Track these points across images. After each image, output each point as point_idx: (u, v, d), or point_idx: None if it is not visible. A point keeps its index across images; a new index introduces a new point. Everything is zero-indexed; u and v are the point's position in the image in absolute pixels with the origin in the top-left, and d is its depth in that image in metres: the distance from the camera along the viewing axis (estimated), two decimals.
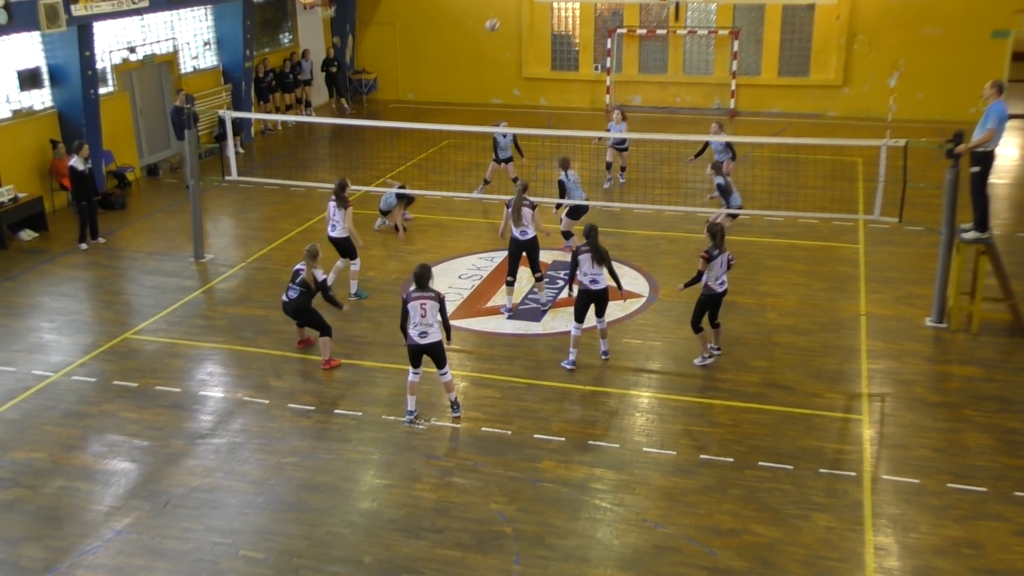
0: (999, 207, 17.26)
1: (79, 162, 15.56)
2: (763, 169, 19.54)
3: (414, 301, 9.79)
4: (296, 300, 11.44)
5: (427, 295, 9.80)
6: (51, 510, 8.92)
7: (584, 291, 11.21)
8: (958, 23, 23.55)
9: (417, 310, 9.79)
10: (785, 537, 8.39)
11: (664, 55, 26.38)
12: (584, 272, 11.13)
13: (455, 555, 8.20)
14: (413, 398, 10.30)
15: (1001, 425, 10.17)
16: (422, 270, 9.86)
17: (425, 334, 9.88)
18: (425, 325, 9.84)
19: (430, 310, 9.80)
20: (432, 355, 10.05)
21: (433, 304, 9.81)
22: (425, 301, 9.78)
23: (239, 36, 22.63)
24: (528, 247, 12.94)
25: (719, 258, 11.14)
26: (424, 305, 9.78)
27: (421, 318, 9.80)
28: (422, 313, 9.78)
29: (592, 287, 11.16)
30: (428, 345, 9.94)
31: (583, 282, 11.17)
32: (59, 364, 11.83)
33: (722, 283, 11.29)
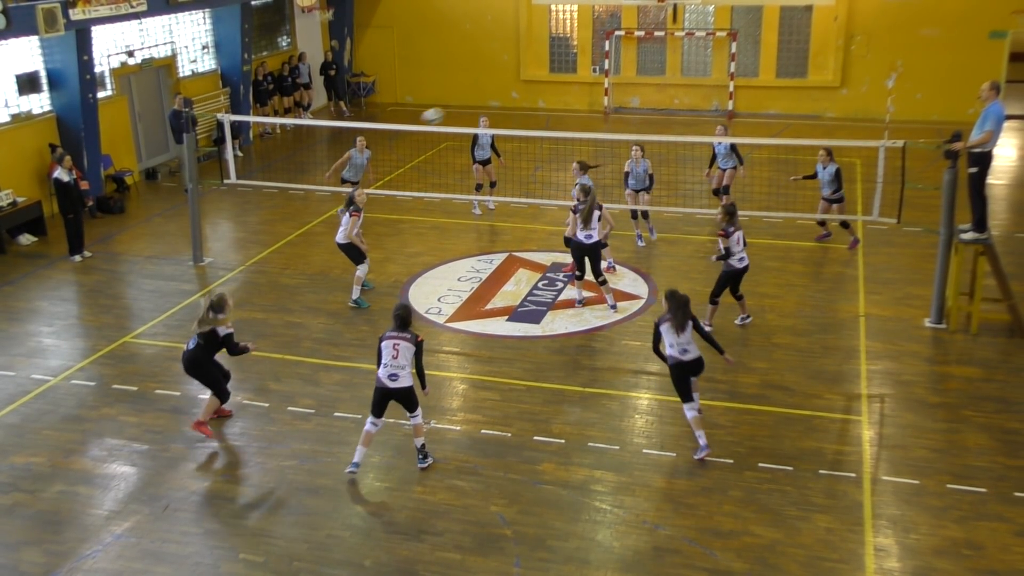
0: (997, 208, 17.28)
1: (63, 173, 15.28)
2: (761, 170, 19.54)
3: (387, 340, 9.06)
4: (193, 352, 9.97)
5: (403, 336, 9.04)
6: (51, 514, 8.91)
7: (678, 364, 9.59)
8: (956, 24, 23.59)
9: (389, 350, 9.02)
10: (785, 538, 8.39)
11: (662, 57, 26.40)
12: (670, 344, 9.61)
13: (455, 558, 8.20)
14: (363, 449, 9.33)
15: (1000, 425, 10.17)
16: (404, 311, 9.19)
17: (395, 376, 9.05)
18: (396, 367, 9.03)
19: (403, 351, 9.00)
20: (401, 401, 9.23)
21: (408, 346, 9.02)
22: (399, 341, 9.01)
23: (237, 40, 22.65)
24: (590, 252, 12.85)
25: (736, 235, 11.79)
26: (397, 346, 9.00)
27: (392, 359, 9.01)
28: (394, 354, 9.01)
29: (683, 357, 9.56)
30: (397, 390, 9.10)
31: (672, 354, 9.59)
32: (58, 368, 11.82)
33: (742, 259, 11.97)
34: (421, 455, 9.47)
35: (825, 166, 14.98)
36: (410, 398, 9.26)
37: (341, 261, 15.22)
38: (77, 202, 15.61)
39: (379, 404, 9.24)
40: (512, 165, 18.18)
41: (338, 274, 14.73)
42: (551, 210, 17.28)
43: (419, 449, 9.49)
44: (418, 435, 9.48)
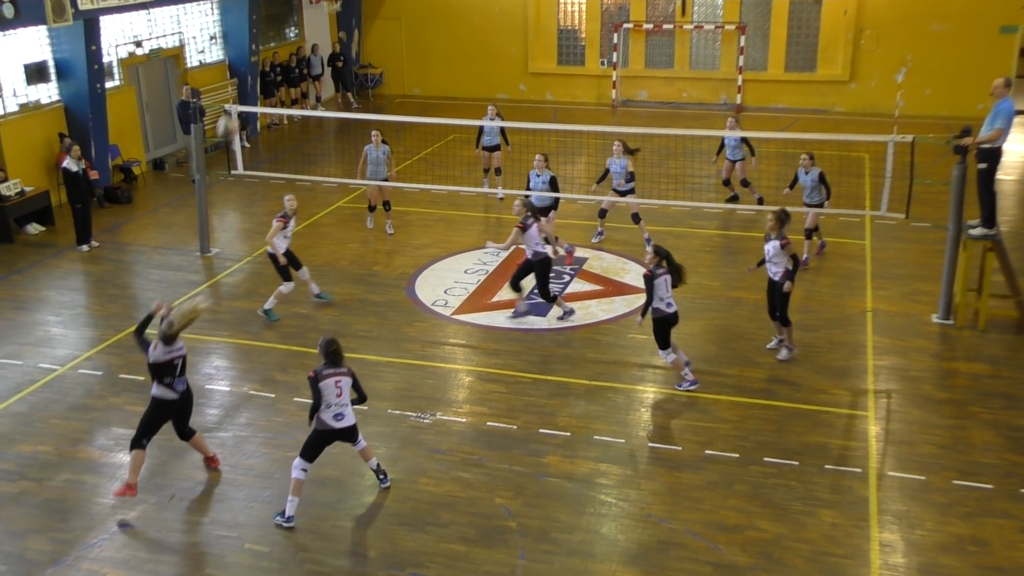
0: (1006, 203, 17.22)
1: (72, 163, 15.33)
2: (769, 164, 19.47)
3: (327, 379, 8.45)
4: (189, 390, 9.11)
5: (341, 371, 8.54)
6: (57, 503, 8.95)
7: (664, 317, 10.62)
8: (966, 18, 23.46)
9: (332, 389, 8.46)
10: (790, 533, 8.39)
11: (671, 50, 26.32)
12: (661, 296, 10.52)
13: (460, 549, 8.21)
14: (295, 500, 8.56)
15: (1007, 422, 10.15)
16: (337, 346, 8.57)
17: (341, 416, 8.55)
18: (341, 406, 8.54)
19: (345, 388, 8.53)
20: (346, 438, 8.74)
21: (348, 381, 8.56)
22: (340, 378, 8.50)
23: (245, 30, 22.64)
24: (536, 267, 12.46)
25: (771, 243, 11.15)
26: (339, 383, 8.49)
27: (337, 398, 8.49)
28: (338, 392, 8.48)
29: (668, 310, 10.61)
30: (344, 429, 8.61)
31: (659, 307, 10.57)
32: (65, 358, 11.86)
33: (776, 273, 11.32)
34: (381, 475, 9.04)
35: (808, 171, 14.12)
36: (355, 433, 8.78)
37: (348, 253, 15.27)
38: (86, 192, 15.64)
39: (319, 447, 8.64)
40: (519, 158, 18.15)
41: (345, 265, 14.75)
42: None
43: (376, 470, 9.04)
44: (367, 458, 9.01)
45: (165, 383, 8.79)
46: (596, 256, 15.03)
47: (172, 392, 8.86)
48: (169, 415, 9.00)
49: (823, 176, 14.09)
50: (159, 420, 8.95)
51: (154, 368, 8.76)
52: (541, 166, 14.31)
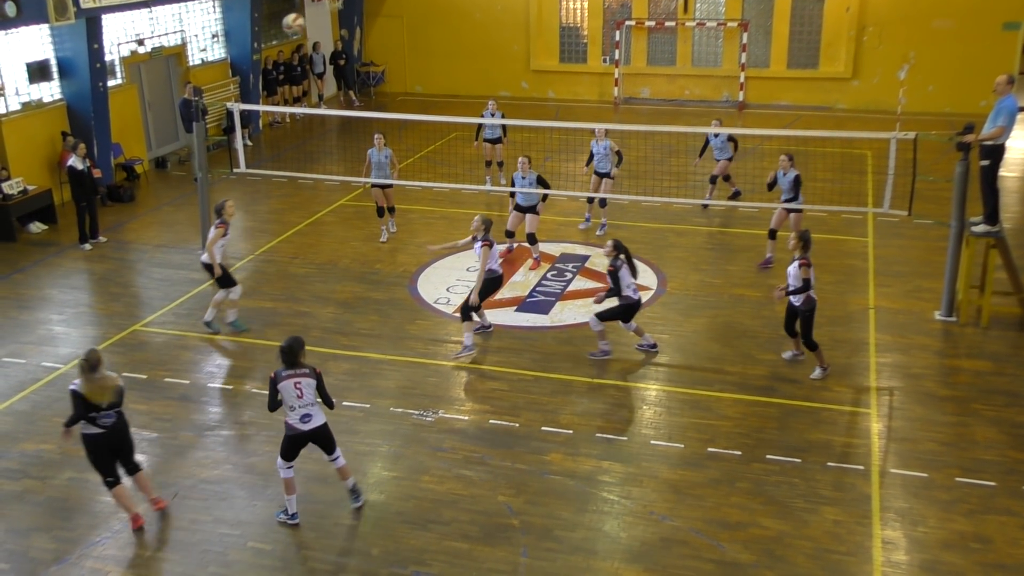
0: (1009, 200, 17.19)
1: (77, 161, 15.37)
2: (772, 162, 19.43)
3: (286, 380, 8.22)
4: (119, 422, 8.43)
5: (301, 372, 8.27)
6: (60, 501, 8.96)
7: (631, 304, 11.34)
8: (968, 15, 23.42)
9: (291, 390, 8.22)
10: (793, 530, 8.38)
11: (673, 47, 26.29)
12: (627, 285, 11.22)
13: (463, 547, 8.21)
14: (293, 498, 8.56)
15: (1010, 419, 10.14)
16: (290, 345, 8.29)
17: (308, 417, 8.32)
18: (305, 406, 8.29)
19: (306, 389, 8.25)
20: (319, 441, 8.49)
21: (309, 382, 8.27)
22: (299, 379, 8.24)
23: (247, 28, 22.64)
24: None
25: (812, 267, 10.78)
26: (299, 384, 8.22)
27: (298, 399, 8.24)
28: (298, 394, 8.22)
29: (635, 296, 11.35)
30: (313, 431, 8.38)
31: (628, 295, 11.26)
32: (68, 356, 11.87)
33: None
34: (354, 495, 8.75)
35: (786, 172, 13.81)
36: (327, 436, 8.51)
37: (350, 251, 15.27)
38: (90, 190, 15.69)
39: (293, 449, 8.45)
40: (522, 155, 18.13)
41: (347, 264, 14.76)
42: (560, 201, 17.25)
43: (351, 490, 8.75)
44: (345, 477, 8.71)
45: (89, 417, 8.18)
46: (599, 254, 15.02)
47: (95, 427, 8.24)
48: (105, 450, 8.32)
49: (798, 179, 13.77)
50: (99, 457, 8.33)
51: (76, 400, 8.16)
52: (525, 168, 14.29)
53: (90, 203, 15.69)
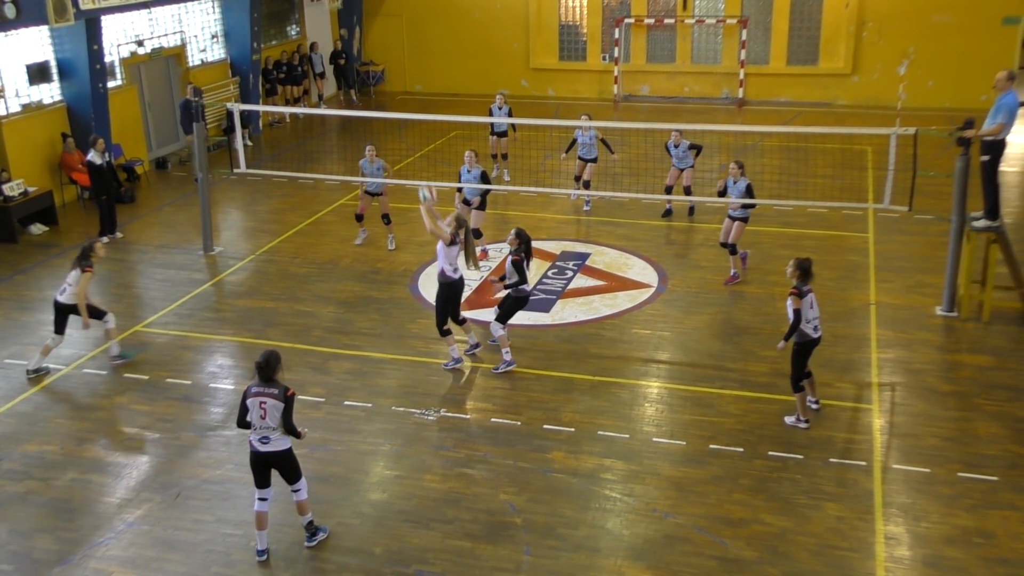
0: (1010, 195, 17.17)
1: (96, 156, 15.62)
2: (772, 158, 19.48)
3: (253, 398, 7.78)
4: None
5: (269, 392, 7.76)
6: (63, 502, 8.97)
7: (523, 297, 11.29)
8: (968, 10, 23.41)
9: (256, 410, 7.77)
10: (795, 527, 8.39)
11: (672, 45, 26.28)
12: None
13: (465, 546, 8.22)
14: (263, 533, 8.10)
15: (1012, 414, 10.13)
16: (265, 359, 7.82)
17: (266, 439, 7.83)
18: (266, 429, 7.80)
19: (270, 411, 7.73)
20: (278, 468, 8.00)
21: (275, 404, 7.73)
22: (265, 399, 7.73)
23: (246, 29, 22.64)
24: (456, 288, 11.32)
25: (810, 297, 9.75)
26: (264, 404, 7.73)
27: (260, 420, 7.78)
28: (261, 414, 7.76)
29: (526, 289, 11.29)
30: (270, 454, 7.89)
31: (525, 289, 11.24)
32: (70, 357, 11.87)
33: (816, 327, 9.82)
34: (309, 533, 8.25)
35: (736, 180, 13.30)
36: (288, 464, 7.99)
37: (351, 250, 15.27)
38: (110, 184, 15.95)
39: (257, 471, 8.02)
40: (522, 154, 18.16)
41: (348, 263, 14.76)
42: (561, 199, 17.25)
43: (306, 527, 8.26)
44: (303, 512, 8.23)
45: None
46: (599, 251, 15.03)
47: None
48: None
49: (750, 188, 13.36)
50: None
51: None
52: (471, 162, 14.31)
53: (110, 197, 15.98)
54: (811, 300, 9.74)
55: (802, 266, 9.75)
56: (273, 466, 8.02)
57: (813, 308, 9.75)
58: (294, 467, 8.05)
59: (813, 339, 9.80)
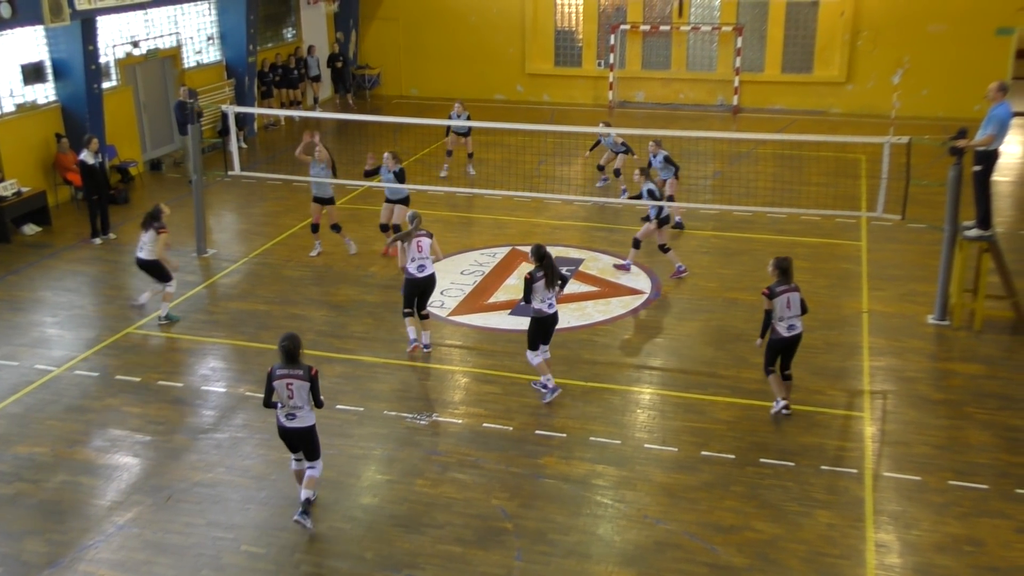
0: (1002, 204, 17.24)
1: (89, 156, 15.57)
2: (766, 166, 19.53)
3: (279, 380, 8.24)
4: None
5: (295, 372, 8.25)
6: (53, 504, 8.94)
7: (542, 318, 10.46)
8: (962, 20, 23.50)
9: (283, 390, 8.26)
10: (786, 534, 8.40)
11: (667, 51, 26.33)
12: (542, 298, 10.33)
13: (456, 551, 8.21)
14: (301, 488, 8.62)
15: (1003, 422, 10.16)
16: (289, 342, 8.28)
17: (292, 416, 8.34)
18: (294, 408, 8.33)
19: (297, 391, 8.24)
20: (301, 443, 8.49)
21: (301, 384, 8.25)
22: (291, 380, 8.23)
23: (242, 31, 22.63)
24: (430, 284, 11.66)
25: (784, 296, 9.89)
26: (291, 385, 8.23)
27: (288, 399, 8.29)
28: (288, 394, 8.26)
29: (548, 311, 10.45)
30: (295, 430, 8.40)
31: (541, 308, 10.37)
32: (62, 359, 11.85)
33: (791, 327, 9.97)
34: (303, 509, 8.42)
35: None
36: (311, 440, 8.48)
37: (345, 253, 15.26)
38: (102, 185, 15.87)
39: (286, 442, 8.59)
40: (516, 159, 18.19)
41: (342, 267, 14.75)
42: (555, 204, 17.27)
43: (303, 502, 8.46)
44: (308, 487, 8.53)
45: None
46: (592, 257, 15.05)
47: None
48: None
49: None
50: None
51: None
52: (390, 163, 14.48)
53: (102, 198, 15.88)
54: (787, 299, 9.88)
55: (780, 265, 9.91)
56: (297, 440, 8.49)
57: (790, 307, 9.89)
58: (316, 444, 8.54)
59: (784, 337, 9.98)
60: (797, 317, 9.95)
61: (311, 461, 8.56)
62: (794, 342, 10.06)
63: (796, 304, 9.92)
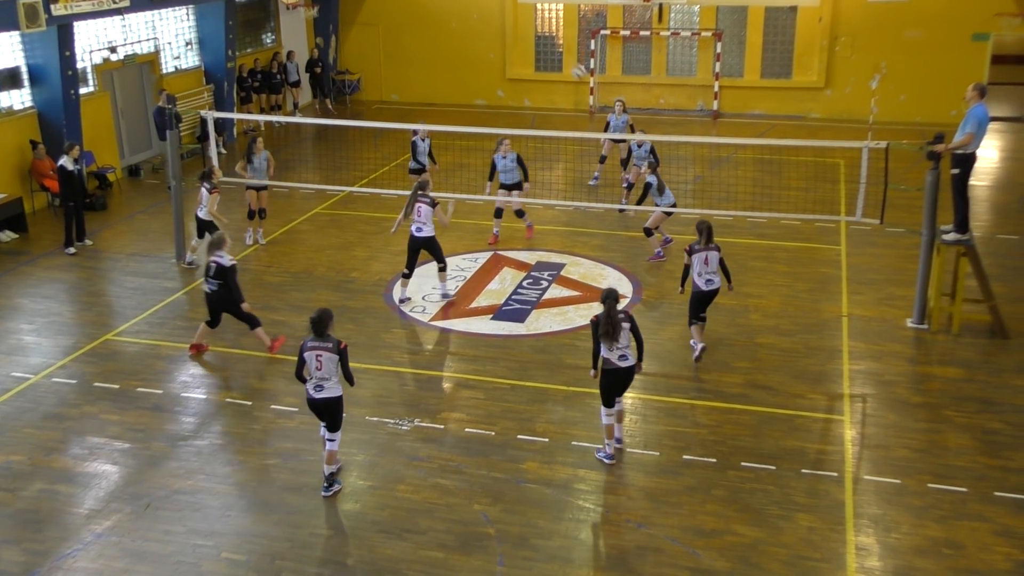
0: (979, 209, 17.40)
1: (69, 162, 15.38)
2: (746, 170, 19.62)
3: (309, 351, 8.77)
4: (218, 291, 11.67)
5: (324, 345, 8.74)
6: (31, 513, 8.85)
7: (605, 370, 9.40)
8: (939, 26, 23.72)
9: (312, 361, 8.77)
10: (767, 537, 8.42)
11: (648, 56, 26.42)
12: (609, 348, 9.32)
13: (438, 556, 8.19)
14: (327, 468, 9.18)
15: (981, 426, 10.24)
16: (319, 315, 8.79)
17: (320, 387, 8.82)
18: (321, 378, 8.79)
19: (326, 362, 8.73)
20: (327, 413, 8.96)
21: (330, 356, 8.73)
22: (321, 352, 8.72)
23: (221, 36, 22.53)
24: (425, 244, 13.23)
25: (702, 254, 11.24)
26: (320, 356, 8.73)
27: (316, 370, 8.77)
28: (317, 365, 8.75)
29: (621, 364, 9.37)
30: (322, 400, 8.87)
31: (608, 358, 9.34)
32: (39, 366, 11.74)
33: (709, 281, 11.34)
34: (327, 483, 9.02)
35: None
36: (336, 411, 8.94)
37: (325, 259, 15.22)
38: (80, 192, 15.71)
39: (315, 414, 9.10)
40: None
41: (322, 272, 14.70)
42: (536, 209, 17.26)
43: (327, 476, 9.05)
44: (329, 462, 9.08)
45: None
46: (575, 262, 15.05)
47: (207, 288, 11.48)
48: None
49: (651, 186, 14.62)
50: None
51: None
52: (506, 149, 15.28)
53: (78, 205, 15.70)
54: (705, 256, 11.25)
55: (699, 227, 11.27)
56: (323, 411, 8.94)
57: (708, 264, 11.27)
58: (340, 416, 9.03)
59: (702, 291, 11.39)
60: (714, 273, 11.35)
61: (332, 433, 9.02)
62: (711, 295, 11.51)
63: (714, 262, 11.31)
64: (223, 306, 11.72)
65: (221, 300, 11.65)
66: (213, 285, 11.54)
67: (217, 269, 11.47)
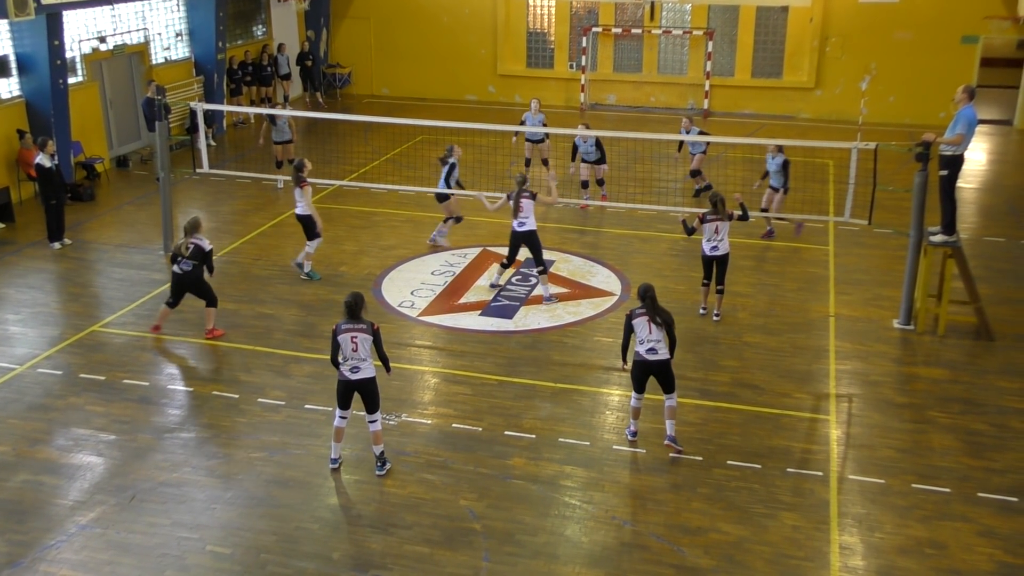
0: (966, 211, 17.49)
1: (45, 159, 15.12)
2: (735, 170, 19.64)
3: (344, 334, 8.91)
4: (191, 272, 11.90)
5: (359, 327, 8.92)
6: (14, 504, 8.81)
7: (638, 361, 9.63)
8: (928, 28, 23.82)
9: (348, 343, 8.91)
10: (752, 536, 8.45)
11: (639, 54, 26.45)
12: (640, 340, 9.55)
13: (424, 551, 8.19)
14: (338, 445, 9.37)
15: (965, 427, 10.30)
16: (353, 299, 8.96)
17: (357, 369, 8.98)
18: (357, 360, 8.96)
19: (361, 343, 8.90)
20: (364, 394, 9.11)
21: (365, 337, 8.92)
22: (356, 334, 8.89)
23: (211, 27, 22.43)
24: (526, 238, 13.20)
25: (714, 224, 12.26)
26: (355, 338, 8.89)
27: (352, 352, 8.93)
28: (353, 347, 8.91)
29: (649, 357, 9.58)
30: (359, 381, 9.04)
31: (639, 351, 9.58)
32: (24, 357, 11.68)
33: (714, 248, 12.39)
34: (380, 462, 9.32)
35: (774, 156, 15.58)
36: (372, 393, 9.12)
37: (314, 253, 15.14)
38: (59, 188, 15.47)
39: (344, 396, 9.16)
40: (487, 160, 18.17)
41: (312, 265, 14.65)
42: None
43: (378, 457, 9.34)
44: (377, 442, 9.31)
45: None
46: (564, 259, 15.07)
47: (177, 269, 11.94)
48: None
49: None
50: None
51: None
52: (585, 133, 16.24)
53: (59, 201, 15.47)
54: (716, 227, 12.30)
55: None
56: (360, 392, 9.08)
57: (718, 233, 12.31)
58: (376, 396, 9.17)
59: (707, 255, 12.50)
60: (722, 242, 12.31)
61: (371, 414, 9.18)
62: (716, 260, 12.44)
63: (724, 231, 12.26)
64: (191, 287, 12.00)
65: (191, 281, 11.93)
66: (187, 265, 11.81)
67: (195, 249, 11.76)
